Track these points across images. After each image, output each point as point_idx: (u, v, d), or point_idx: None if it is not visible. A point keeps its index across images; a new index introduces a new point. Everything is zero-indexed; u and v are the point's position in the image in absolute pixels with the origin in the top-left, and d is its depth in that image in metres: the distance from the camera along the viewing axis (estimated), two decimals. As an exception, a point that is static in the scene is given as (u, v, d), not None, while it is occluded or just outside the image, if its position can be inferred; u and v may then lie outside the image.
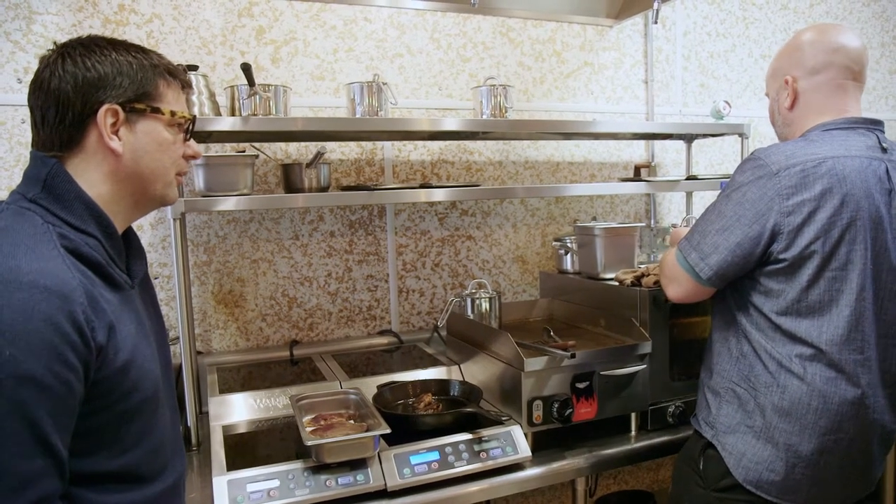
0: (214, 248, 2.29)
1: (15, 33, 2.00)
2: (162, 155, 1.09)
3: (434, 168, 2.58)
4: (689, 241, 1.53)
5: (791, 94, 1.57)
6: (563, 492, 2.80)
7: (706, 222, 1.51)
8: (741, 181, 1.47)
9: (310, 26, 2.35)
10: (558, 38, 2.78)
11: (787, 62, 1.59)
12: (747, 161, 1.49)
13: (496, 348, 1.88)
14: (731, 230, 1.45)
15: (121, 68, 1.03)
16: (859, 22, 3.52)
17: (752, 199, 1.43)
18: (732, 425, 1.52)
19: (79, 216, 1.01)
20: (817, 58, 1.53)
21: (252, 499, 1.44)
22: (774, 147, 1.48)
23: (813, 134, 1.51)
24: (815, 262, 1.41)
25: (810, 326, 1.43)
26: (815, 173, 1.40)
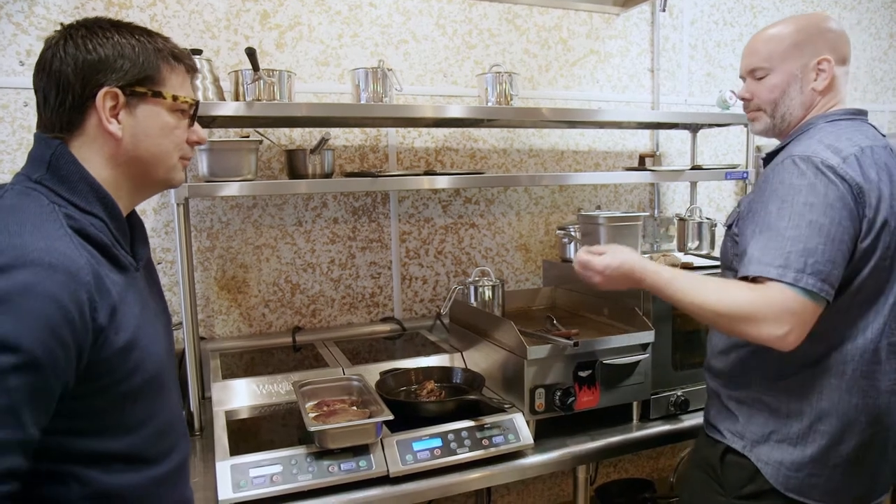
0: (218, 234, 2.29)
1: (17, 15, 1.99)
2: (163, 139, 1.07)
3: (438, 155, 2.57)
4: (787, 266, 1.26)
5: (829, 76, 1.45)
6: (564, 479, 2.81)
7: (798, 239, 1.27)
8: (810, 183, 1.30)
9: (315, 11, 2.34)
10: (564, 25, 2.76)
11: (818, 42, 1.46)
12: (795, 164, 1.33)
13: (499, 336, 1.88)
14: (839, 238, 1.28)
15: (122, 51, 1.02)
16: (868, 12, 3.49)
17: (836, 198, 1.29)
18: (765, 434, 1.43)
19: (84, 197, 1.01)
20: (845, 48, 1.47)
21: (255, 483, 1.44)
22: (805, 143, 1.38)
23: (820, 126, 1.44)
24: (879, 252, 1.34)
25: (856, 318, 1.37)
26: (865, 161, 1.34)
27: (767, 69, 1.50)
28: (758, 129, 1.57)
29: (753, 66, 1.52)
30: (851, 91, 3.50)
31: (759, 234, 1.33)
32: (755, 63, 1.52)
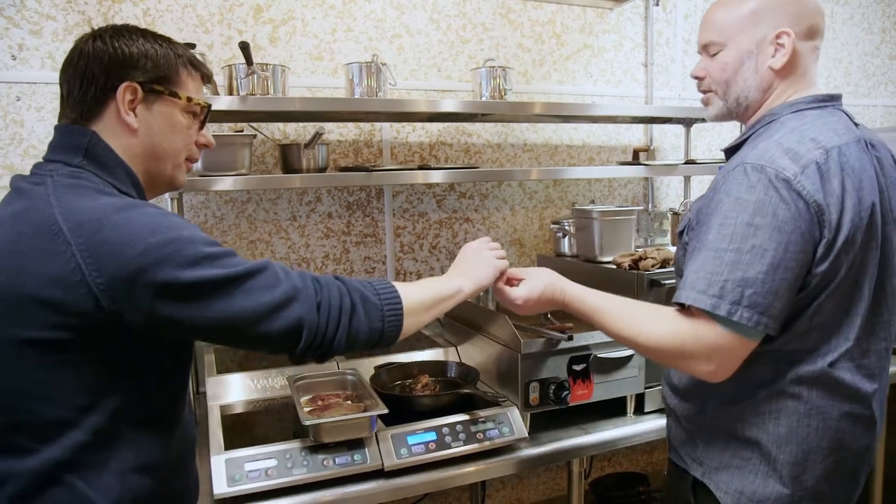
0: (212, 229, 2.28)
1: (8, 9, 1.97)
2: (175, 137, 1.14)
3: (432, 150, 2.57)
4: (722, 297, 1.13)
5: (788, 52, 1.24)
6: (558, 473, 2.82)
7: (737, 265, 1.13)
8: (757, 200, 1.13)
9: (308, 5, 2.33)
10: (558, 19, 2.76)
11: (777, 12, 1.25)
12: (747, 173, 1.16)
13: (493, 330, 1.88)
14: (784, 265, 1.12)
15: (146, 52, 1.09)
16: (860, 7, 3.50)
17: (788, 219, 1.12)
18: (724, 460, 1.29)
19: (122, 181, 1.09)
20: (814, 19, 1.25)
21: (250, 477, 1.45)
22: (764, 146, 1.19)
23: (784, 117, 1.25)
24: (842, 274, 1.17)
25: (816, 342, 1.21)
26: (828, 170, 1.15)
27: (720, 44, 1.31)
28: (711, 113, 1.40)
29: (706, 40, 1.35)
30: (843, 85, 3.51)
31: (697, 254, 1.19)
32: (708, 37, 1.34)
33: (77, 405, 0.98)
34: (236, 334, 1.03)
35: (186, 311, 0.97)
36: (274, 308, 1.02)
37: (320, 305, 1.06)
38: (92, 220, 0.95)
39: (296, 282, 1.06)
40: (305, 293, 1.05)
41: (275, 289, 1.02)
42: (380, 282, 1.18)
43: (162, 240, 0.95)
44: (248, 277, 1.01)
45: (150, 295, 0.95)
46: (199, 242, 0.99)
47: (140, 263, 0.93)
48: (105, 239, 0.94)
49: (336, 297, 1.08)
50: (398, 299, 1.16)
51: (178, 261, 0.95)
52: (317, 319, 1.05)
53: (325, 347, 1.08)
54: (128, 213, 0.97)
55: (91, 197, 0.99)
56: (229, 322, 1.00)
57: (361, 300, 1.11)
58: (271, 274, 1.04)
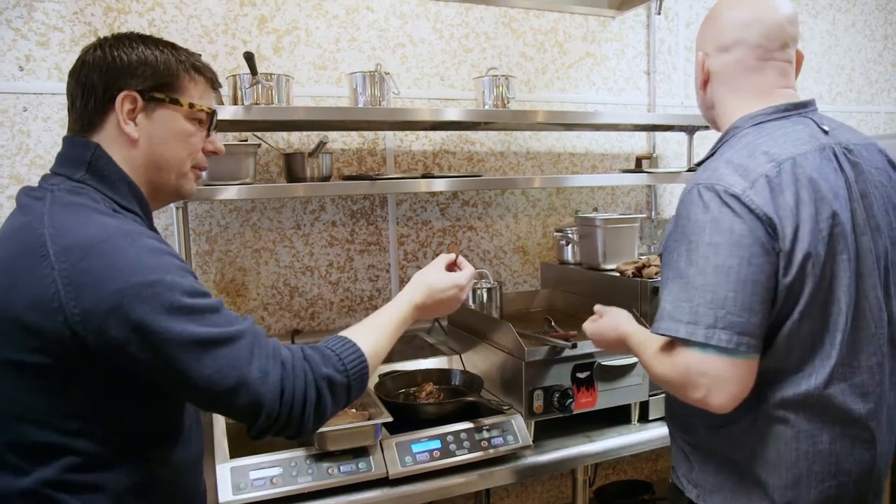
0: (216, 238, 2.29)
1: (16, 21, 1.99)
2: (178, 145, 1.11)
3: (436, 158, 2.58)
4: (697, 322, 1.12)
5: (702, 72, 1.35)
6: (562, 481, 2.81)
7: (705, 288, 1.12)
8: (713, 218, 1.14)
9: (312, 15, 2.35)
10: (560, 28, 2.77)
11: (703, 35, 1.36)
12: (699, 194, 1.17)
13: (497, 338, 1.89)
14: (750, 280, 1.11)
15: (146, 59, 1.07)
16: (863, 14, 3.51)
17: (744, 232, 1.12)
18: (718, 483, 1.27)
19: (124, 196, 1.07)
20: (726, 34, 1.29)
21: (255, 486, 1.45)
22: (714, 166, 1.21)
23: (744, 130, 1.26)
24: (810, 287, 1.15)
25: (798, 362, 1.18)
26: (780, 183, 1.15)
27: None
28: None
29: None
30: (846, 92, 3.52)
31: (670, 283, 1.19)
32: None
33: (66, 429, 0.96)
34: (194, 396, 0.99)
35: (152, 358, 0.93)
36: (236, 386, 0.96)
37: (283, 394, 0.99)
38: (79, 247, 0.92)
39: (264, 365, 0.98)
40: (271, 380, 0.98)
41: (241, 367, 0.96)
42: (346, 348, 1.10)
43: (142, 281, 0.92)
44: (221, 345, 0.96)
45: (120, 334, 0.91)
46: (179, 290, 0.94)
47: (115, 302, 0.90)
48: (88, 268, 0.91)
49: (301, 388, 1.01)
50: (365, 367, 1.11)
51: (154, 306, 0.92)
52: (277, 408, 0.98)
53: (289, 431, 1.02)
54: (117, 242, 0.94)
55: (86, 217, 0.97)
56: (190, 384, 0.95)
57: (328, 386, 1.04)
58: (244, 346, 0.98)
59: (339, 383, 1.05)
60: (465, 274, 1.39)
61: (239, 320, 1.01)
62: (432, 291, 1.32)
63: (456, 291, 1.35)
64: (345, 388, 1.07)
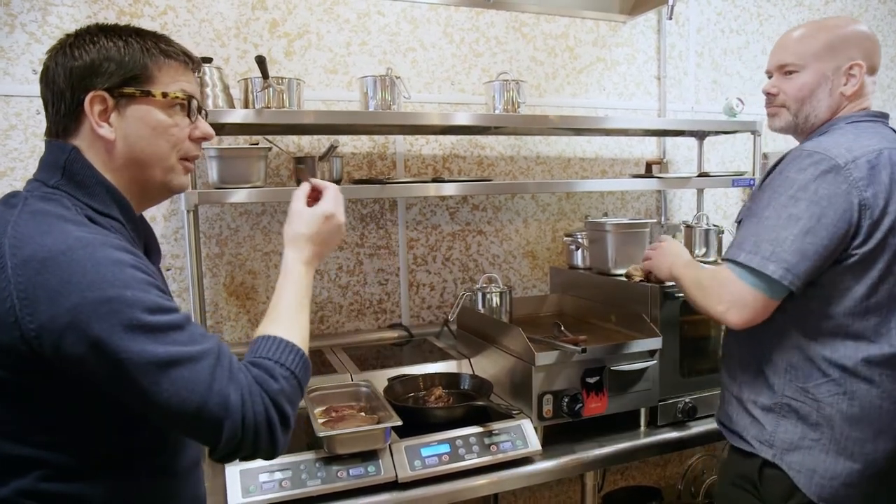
0: (227, 241, 2.30)
1: (31, 24, 2.01)
2: (157, 139, 1.04)
3: (446, 162, 2.58)
4: (756, 252, 1.34)
5: (859, 82, 1.46)
6: (571, 486, 2.80)
7: (773, 228, 1.34)
8: (804, 179, 1.34)
9: (323, 19, 2.36)
10: (571, 33, 2.77)
11: (852, 47, 1.46)
12: (801, 157, 1.37)
13: (507, 342, 1.88)
14: (814, 232, 1.31)
15: (108, 53, 1.00)
16: (875, 19, 3.50)
17: (827, 196, 1.31)
18: (795, 441, 1.40)
19: (101, 201, 1.02)
20: (876, 57, 1.48)
21: (264, 489, 1.45)
22: (822, 140, 1.40)
23: (842, 126, 1.44)
24: (888, 255, 1.34)
25: (877, 325, 1.36)
26: (878, 163, 1.34)
27: (798, 66, 1.48)
28: (777, 125, 1.56)
29: (784, 61, 1.51)
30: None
31: (745, 221, 1.42)
32: (786, 59, 1.50)
33: (37, 442, 0.94)
34: (155, 416, 0.94)
35: (109, 377, 0.89)
36: (195, 411, 0.90)
37: (244, 420, 0.93)
38: (37, 259, 0.88)
39: (224, 388, 0.92)
40: (231, 405, 0.92)
41: (200, 391, 0.91)
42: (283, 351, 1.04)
43: (100, 297, 0.87)
44: (179, 365, 0.90)
45: (77, 351, 0.87)
46: (139, 307, 0.89)
47: (71, 318, 0.86)
48: (43, 282, 0.87)
49: (262, 412, 0.95)
50: (305, 359, 1.06)
51: (112, 323, 0.87)
52: (240, 434, 0.93)
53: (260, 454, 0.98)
54: (76, 255, 0.88)
55: (48, 227, 0.92)
56: (149, 404, 0.90)
57: (286, 399, 0.99)
58: (205, 368, 0.92)
59: (290, 389, 1.01)
60: (328, 199, 1.24)
61: (203, 339, 0.95)
62: (307, 238, 1.19)
63: (328, 223, 1.22)
64: (297, 390, 1.03)
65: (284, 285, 1.15)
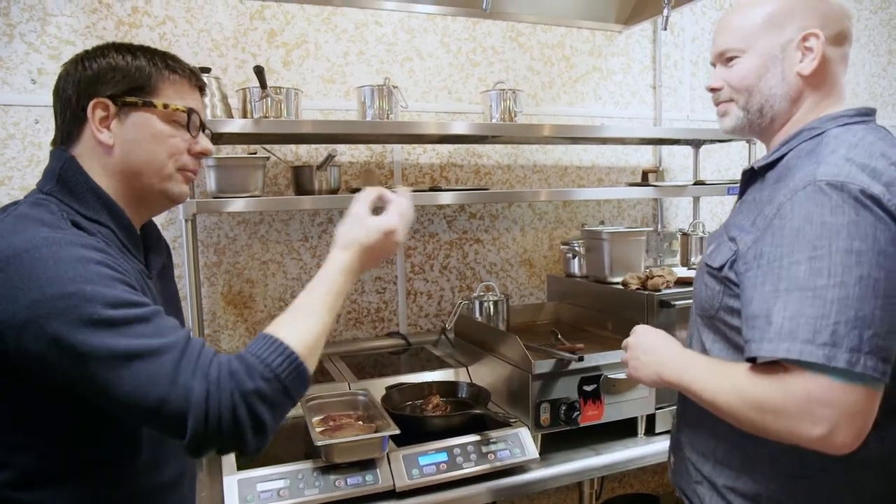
0: (224, 249, 2.30)
1: (29, 34, 2.02)
2: (155, 147, 1.07)
3: (443, 171, 2.59)
4: (839, 345, 0.92)
5: (818, 56, 1.11)
6: (569, 494, 2.80)
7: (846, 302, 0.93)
8: (844, 223, 0.95)
9: (321, 30, 2.37)
10: (567, 42, 2.79)
11: (803, 13, 1.13)
12: (821, 192, 0.98)
13: (504, 350, 1.89)
14: (892, 298, 0.94)
15: (116, 64, 1.05)
16: (867, 29, 3.52)
17: (887, 241, 0.95)
18: None
19: (90, 207, 1.04)
20: (842, 22, 1.13)
21: (262, 498, 1.45)
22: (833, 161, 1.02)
23: (833, 131, 1.11)
24: None
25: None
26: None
27: (739, 50, 1.17)
28: (728, 125, 1.23)
29: (723, 47, 1.20)
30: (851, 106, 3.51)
31: (784, 294, 0.97)
32: (724, 44, 1.20)
33: (5, 443, 0.95)
34: (120, 411, 0.92)
35: (71, 372, 0.89)
36: (158, 404, 0.89)
37: (208, 412, 0.90)
38: (2, 258, 0.89)
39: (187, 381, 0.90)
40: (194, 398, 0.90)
41: (163, 384, 0.89)
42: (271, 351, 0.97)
43: (59, 293, 0.87)
44: (141, 358, 0.89)
45: (37, 347, 0.88)
46: (100, 302, 0.89)
47: (30, 314, 0.87)
48: (5, 279, 0.88)
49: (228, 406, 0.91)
50: (297, 363, 0.98)
51: (70, 319, 0.87)
52: (203, 427, 0.90)
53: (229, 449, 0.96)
54: (40, 252, 0.89)
55: (22, 228, 0.93)
56: (112, 399, 0.90)
57: (260, 399, 0.94)
58: (168, 361, 0.90)
59: (270, 392, 0.94)
60: (393, 213, 1.18)
61: (170, 331, 0.93)
62: (364, 248, 1.14)
63: (386, 239, 1.15)
64: (281, 393, 0.96)
65: (315, 287, 1.09)
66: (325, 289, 1.09)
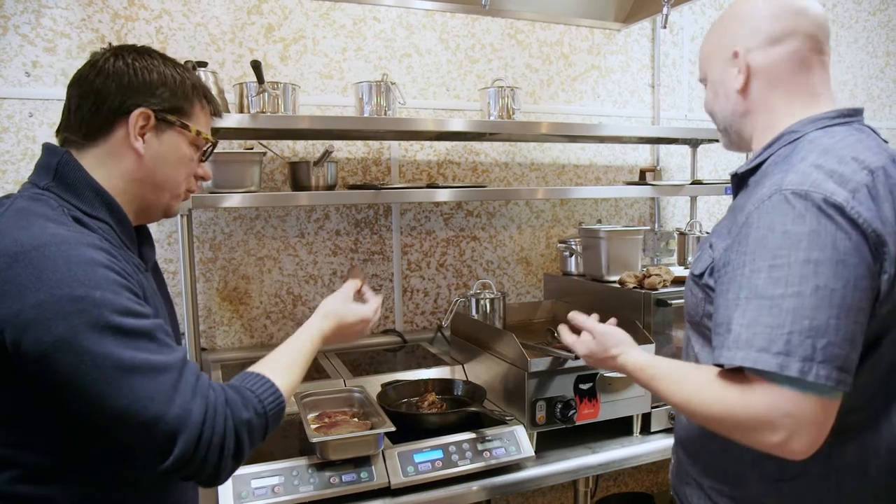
0: (220, 245, 2.29)
1: (24, 27, 2.00)
2: (179, 167, 1.13)
3: (440, 168, 2.59)
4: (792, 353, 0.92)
5: (743, 70, 1.15)
6: (564, 492, 2.80)
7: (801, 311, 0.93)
8: (804, 232, 0.95)
9: (319, 25, 2.36)
10: (566, 40, 2.78)
11: (733, 31, 1.17)
12: (785, 201, 0.98)
13: (500, 348, 1.88)
14: (854, 307, 0.94)
15: (165, 80, 1.08)
16: (865, 31, 3.53)
17: (847, 251, 0.94)
18: None
19: (89, 203, 1.04)
20: (776, 24, 1.12)
21: (256, 495, 1.44)
22: (801, 169, 1.01)
23: (810, 135, 1.09)
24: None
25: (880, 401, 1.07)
26: (878, 194, 0.99)
27: (704, 79, 1.26)
28: (724, 145, 1.30)
29: (699, 76, 1.28)
30: (850, 108, 3.52)
31: (744, 303, 0.98)
32: (699, 72, 1.28)
33: (9, 441, 0.94)
34: (109, 424, 0.91)
35: (69, 378, 0.88)
36: (153, 421, 0.89)
37: (201, 437, 0.92)
38: (9, 253, 0.89)
39: (186, 402, 0.92)
40: (192, 420, 0.91)
41: (162, 401, 0.90)
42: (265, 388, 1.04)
43: (68, 294, 0.87)
44: (143, 373, 0.90)
45: (38, 348, 0.87)
46: (109, 308, 0.89)
47: (36, 314, 0.86)
48: (13, 276, 0.87)
49: (220, 433, 0.94)
50: (282, 404, 1.06)
51: (77, 322, 0.87)
52: (192, 450, 0.91)
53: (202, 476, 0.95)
54: (49, 251, 0.89)
55: (27, 223, 0.93)
56: (104, 411, 0.89)
57: (247, 431, 0.98)
58: (168, 380, 0.91)
59: (257, 425, 1.00)
60: (372, 307, 1.36)
61: (171, 350, 0.95)
62: (341, 324, 1.29)
63: (363, 326, 1.33)
64: (263, 429, 1.02)
65: (294, 342, 1.20)
66: (305, 345, 1.21)
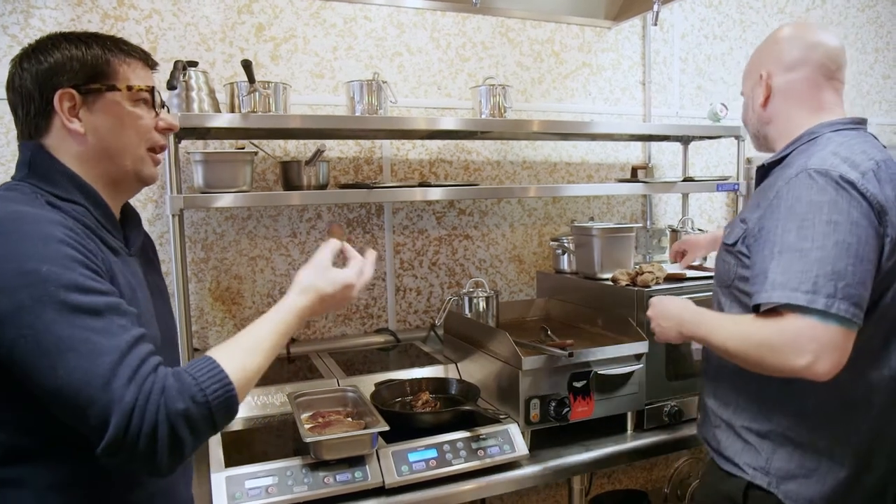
0: (212, 245, 2.29)
1: (13, 27, 1.99)
2: (126, 130, 1.10)
3: (432, 167, 2.58)
4: (818, 292, 1.18)
5: (765, 89, 1.48)
6: (558, 490, 2.80)
7: (824, 261, 1.19)
8: (826, 200, 1.23)
9: (310, 24, 2.35)
10: (557, 38, 2.79)
11: (763, 57, 1.50)
12: (810, 177, 1.26)
13: (494, 347, 1.88)
14: (865, 258, 1.21)
15: (71, 54, 1.06)
16: (854, 27, 3.54)
17: (859, 216, 1.22)
18: (793, 470, 1.35)
19: (63, 188, 1.06)
20: (793, 53, 1.44)
21: (250, 495, 1.44)
22: (821, 155, 1.30)
23: (827, 135, 1.38)
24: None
25: (880, 346, 1.33)
26: (881, 177, 1.28)
27: (742, 91, 1.59)
28: (755, 147, 1.62)
29: (741, 89, 1.61)
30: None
31: (778, 256, 1.24)
32: (742, 86, 1.60)
33: None
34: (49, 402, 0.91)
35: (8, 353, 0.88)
36: (86, 404, 0.88)
37: (130, 424, 0.88)
38: None
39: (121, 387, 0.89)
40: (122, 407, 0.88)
41: (96, 385, 0.88)
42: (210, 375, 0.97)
43: (16, 269, 0.88)
44: (81, 354, 0.88)
45: None
46: (55, 283, 0.89)
47: None
48: None
49: (150, 422, 0.90)
50: (230, 393, 0.98)
51: (20, 297, 0.87)
52: (122, 437, 0.88)
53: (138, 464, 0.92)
54: (5, 226, 0.92)
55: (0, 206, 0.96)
56: (42, 389, 0.89)
57: (185, 422, 0.92)
58: (108, 362, 0.89)
59: (197, 416, 0.94)
60: (354, 269, 1.23)
61: (118, 330, 0.92)
62: (322, 296, 1.18)
63: (347, 292, 1.21)
64: (206, 420, 0.95)
65: (265, 323, 1.12)
66: (273, 328, 1.12)
